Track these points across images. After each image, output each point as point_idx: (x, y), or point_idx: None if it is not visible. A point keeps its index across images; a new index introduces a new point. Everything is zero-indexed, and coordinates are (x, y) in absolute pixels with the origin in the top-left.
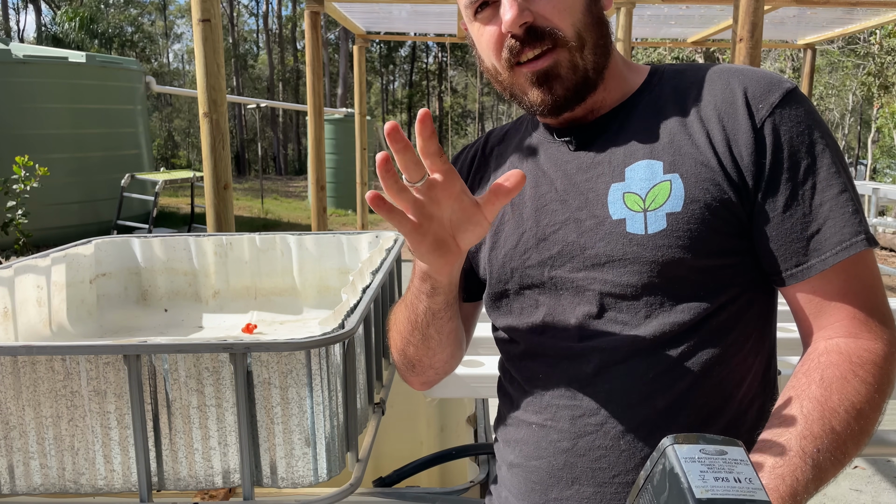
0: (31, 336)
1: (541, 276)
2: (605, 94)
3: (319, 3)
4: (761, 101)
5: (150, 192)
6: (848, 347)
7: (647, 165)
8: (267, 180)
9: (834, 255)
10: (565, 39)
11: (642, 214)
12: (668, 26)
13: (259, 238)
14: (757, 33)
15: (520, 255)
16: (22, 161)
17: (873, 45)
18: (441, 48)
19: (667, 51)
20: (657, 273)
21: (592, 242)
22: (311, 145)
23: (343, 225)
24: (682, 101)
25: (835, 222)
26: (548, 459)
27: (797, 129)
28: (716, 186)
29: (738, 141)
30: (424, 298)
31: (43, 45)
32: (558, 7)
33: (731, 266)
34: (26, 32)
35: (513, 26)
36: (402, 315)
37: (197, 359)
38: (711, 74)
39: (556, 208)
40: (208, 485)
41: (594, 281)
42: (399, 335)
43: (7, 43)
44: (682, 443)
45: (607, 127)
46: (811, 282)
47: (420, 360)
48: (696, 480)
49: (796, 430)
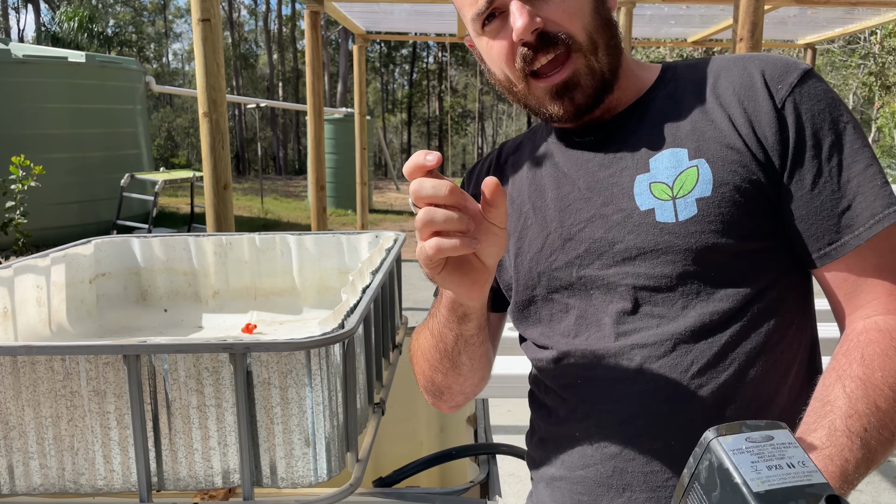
0: (30, 336)
1: (569, 276)
2: (620, 94)
3: (319, 3)
4: (780, 81)
5: (150, 192)
6: (887, 324)
7: (671, 154)
8: (267, 180)
9: (867, 230)
10: (578, 43)
11: (671, 202)
12: (668, 26)
13: (259, 238)
14: (757, 33)
15: (546, 257)
16: (18, 161)
17: (874, 45)
18: (441, 48)
19: (667, 50)
20: (692, 261)
21: (621, 236)
22: (311, 145)
23: (343, 225)
24: (699, 91)
25: (864, 197)
26: (595, 468)
27: (818, 107)
28: (744, 168)
29: (760, 122)
30: (455, 327)
31: (42, 44)
32: (568, 11)
33: (766, 250)
34: (26, 32)
35: (525, 33)
36: (427, 343)
37: (197, 359)
38: (726, 62)
39: (581, 206)
40: (208, 485)
41: (626, 276)
42: (427, 363)
43: (7, 43)
44: (726, 434)
45: (626, 123)
46: (845, 260)
47: (450, 387)
48: (749, 473)
49: (841, 409)
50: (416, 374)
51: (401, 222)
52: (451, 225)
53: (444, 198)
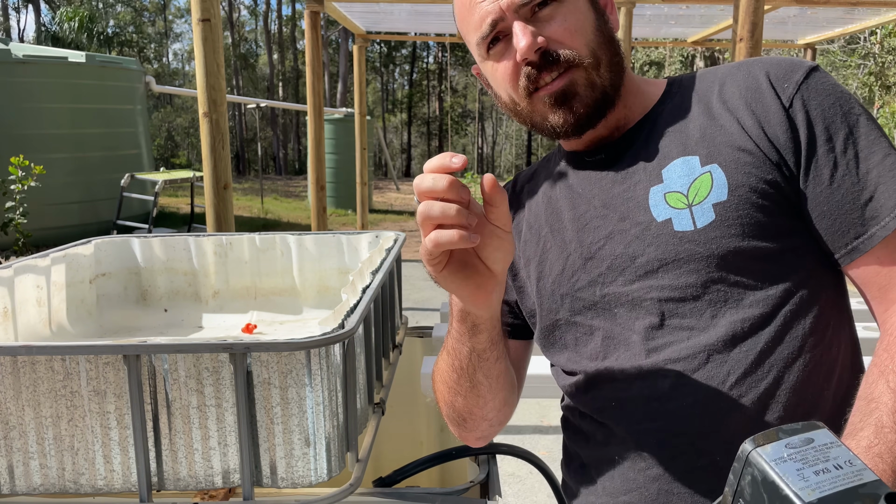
0: (30, 336)
1: (592, 296)
2: (627, 112)
3: (319, 3)
4: (785, 80)
5: (150, 192)
6: None
7: (683, 162)
8: (267, 180)
9: (894, 219)
10: (580, 59)
11: (688, 210)
12: (668, 26)
13: (259, 238)
14: (757, 33)
15: (568, 278)
16: (17, 161)
17: (874, 45)
18: (441, 48)
19: (667, 50)
20: (715, 267)
21: (641, 249)
22: (311, 145)
23: (343, 225)
24: (706, 99)
25: (887, 186)
26: (639, 492)
27: (828, 102)
28: (757, 168)
29: (770, 122)
30: (467, 340)
31: (42, 44)
32: (570, 29)
33: (790, 249)
34: (26, 32)
35: (528, 52)
36: (445, 364)
37: (197, 359)
38: (730, 68)
39: (598, 224)
40: (208, 485)
41: (650, 289)
42: (445, 386)
43: (7, 43)
44: (764, 443)
45: (635, 139)
46: (875, 252)
47: (471, 412)
48: (796, 482)
49: (887, 405)
50: (438, 403)
51: (401, 222)
52: (448, 218)
53: (442, 191)
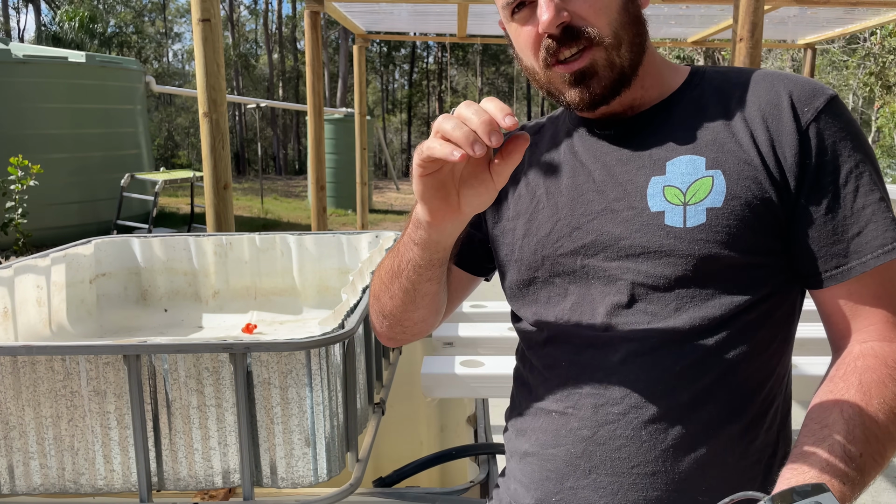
0: (30, 336)
1: (572, 264)
2: (643, 92)
3: (319, 3)
4: (806, 104)
5: (150, 192)
6: (883, 351)
7: (689, 160)
8: (267, 180)
9: (875, 259)
10: (601, 38)
11: (682, 208)
12: (668, 26)
13: (259, 238)
14: (757, 33)
15: (552, 242)
16: (16, 161)
17: (874, 45)
18: (441, 48)
19: (667, 50)
20: (692, 267)
21: (629, 233)
22: (311, 145)
23: (343, 225)
24: (725, 101)
25: (876, 226)
26: (566, 447)
27: (840, 135)
28: (758, 185)
29: (782, 142)
30: (411, 249)
31: (43, 44)
32: (595, 6)
33: (764, 266)
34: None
35: (549, 27)
36: (387, 262)
37: (197, 359)
38: (756, 77)
39: (593, 198)
40: (208, 485)
41: (627, 271)
42: (379, 282)
43: (7, 43)
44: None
45: (648, 123)
46: (848, 284)
47: (392, 313)
48: None
49: (840, 435)
50: (370, 297)
51: (401, 222)
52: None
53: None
